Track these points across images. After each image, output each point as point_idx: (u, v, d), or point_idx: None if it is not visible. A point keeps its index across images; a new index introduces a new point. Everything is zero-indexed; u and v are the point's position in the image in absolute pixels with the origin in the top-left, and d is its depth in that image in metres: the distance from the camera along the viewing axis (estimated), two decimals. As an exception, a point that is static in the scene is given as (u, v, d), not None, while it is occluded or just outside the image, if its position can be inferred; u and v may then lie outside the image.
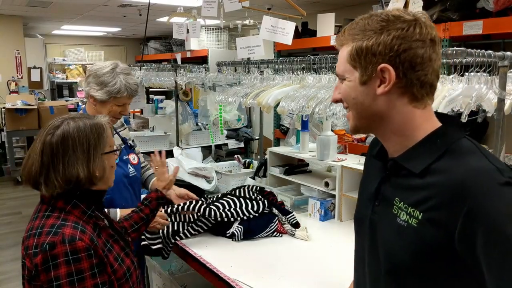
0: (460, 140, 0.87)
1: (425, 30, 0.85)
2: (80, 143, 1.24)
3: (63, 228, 1.18)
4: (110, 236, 1.32)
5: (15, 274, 3.66)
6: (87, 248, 1.17)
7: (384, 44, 0.85)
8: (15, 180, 6.58)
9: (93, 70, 1.92)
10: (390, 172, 0.95)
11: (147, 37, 8.58)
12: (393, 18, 0.86)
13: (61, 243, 1.14)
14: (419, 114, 0.90)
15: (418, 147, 0.89)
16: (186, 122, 4.62)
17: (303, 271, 1.70)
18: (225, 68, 3.19)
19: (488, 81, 1.71)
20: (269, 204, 2.14)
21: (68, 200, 1.25)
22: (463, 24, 3.02)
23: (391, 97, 0.89)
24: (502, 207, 0.77)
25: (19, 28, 6.99)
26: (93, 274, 1.18)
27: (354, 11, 5.07)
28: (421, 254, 0.85)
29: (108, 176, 1.32)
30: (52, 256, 1.13)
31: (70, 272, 1.14)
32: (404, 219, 0.88)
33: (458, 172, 0.82)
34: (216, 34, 6.50)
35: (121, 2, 5.41)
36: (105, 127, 1.32)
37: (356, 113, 0.94)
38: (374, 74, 0.88)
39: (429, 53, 0.85)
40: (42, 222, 1.21)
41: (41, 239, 1.16)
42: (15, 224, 4.84)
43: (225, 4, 2.44)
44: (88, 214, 1.27)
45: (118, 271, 1.26)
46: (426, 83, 0.87)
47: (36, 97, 6.87)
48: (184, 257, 1.95)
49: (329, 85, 2.20)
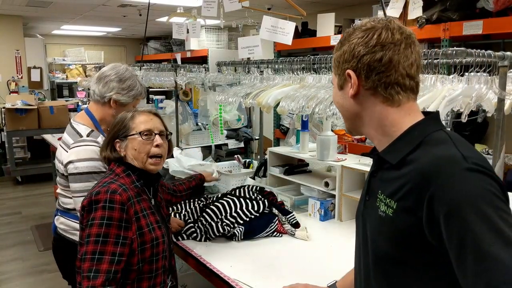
0: (436, 132, 0.92)
1: (385, 35, 0.93)
2: (114, 126, 1.61)
3: (111, 184, 1.46)
4: (149, 208, 1.54)
5: (15, 274, 3.66)
6: (122, 203, 1.42)
7: (348, 52, 0.97)
8: (15, 180, 6.58)
9: (112, 76, 1.91)
10: (377, 167, 1.02)
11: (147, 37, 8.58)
12: (356, 28, 0.98)
13: (105, 192, 1.42)
14: (394, 111, 0.96)
15: (397, 140, 0.96)
16: (186, 122, 4.62)
17: (303, 271, 1.70)
18: (225, 68, 3.19)
19: (488, 81, 1.71)
20: (269, 204, 2.14)
21: (125, 170, 1.55)
22: (463, 24, 3.02)
23: (363, 98, 0.98)
24: (462, 191, 0.79)
25: (19, 28, 6.99)
26: (119, 226, 1.41)
27: (354, 11, 5.08)
28: (398, 243, 0.90)
29: (136, 157, 1.55)
30: (95, 200, 1.41)
31: (103, 215, 1.39)
32: (383, 210, 0.93)
33: (424, 161, 0.86)
34: (216, 34, 6.50)
35: (121, 2, 5.41)
36: (134, 115, 1.59)
37: (342, 115, 1.07)
38: (345, 79, 0.99)
39: (389, 55, 0.93)
40: (101, 180, 1.53)
41: (95, 189, 1.46)
42: (15, 224, 4.85)
43: (225, 4, 2.44)
44: (135, 184, 1.53)
45: (147, 235, 1.47)
46: (391, 84, 0.94)
47: (36, 97, 6.87)
48: (184, 257, 1.95)
49: (329, 85, 2.20)
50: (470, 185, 0.79)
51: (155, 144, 1.56)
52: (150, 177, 1.60)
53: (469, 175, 0.80)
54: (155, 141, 1.56)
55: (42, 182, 6.46)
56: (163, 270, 1.55)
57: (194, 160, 2.76)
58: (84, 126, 1.89)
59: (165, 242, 1.55)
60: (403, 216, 0.88)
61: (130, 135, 1.56)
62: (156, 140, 1.56)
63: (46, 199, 5.68)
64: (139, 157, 1.55)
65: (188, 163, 2.65)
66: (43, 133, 5.79)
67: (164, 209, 1.70)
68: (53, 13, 6.42)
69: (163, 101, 5.44)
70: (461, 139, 0.91)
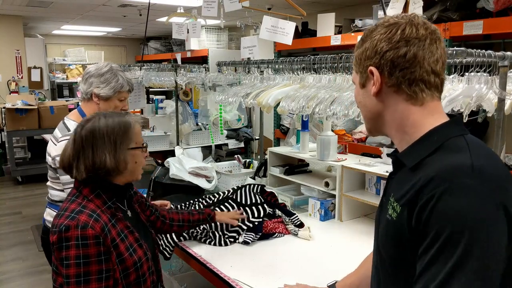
0: (455, 138, 0.89)
1: (409, 30, 0.90)
2: (107, 136, 1.38)
3: (80, 214, 1.31)
4: (126, 227, 1.42)
5: (15, 274, 3.66)
6: (96, 236, 1.29)
7: (371, 48, 0.94)
8: (15, 180, 6.58)
9: (92, 72, 2.03)
10: (395, 169, 1.00)
11: (147, 37, 8.58)
12: (378, 25, 0.95)
13: (74, 228, 1.28)
14: (416, 111, 0.93)
15: (417, 143, 0.92)
16: (186, 122, 4.62)
17: (303, 271, 1.70)
18: (225, 68, 3.19)
19: (489, 81, 1.71)
20: (272, 206, 2.15)
21: (94, 189, 1.39)
22: (463, 24, 3.02)
23: (386, 96, 0.95)
24: (452, 206, 0.77)
25: (19, 28, 6.99)
26: (99, 260, 1.29)
27: (354, 11, 5.07)
28: (401, 247, 0.88)
29: (133, 170, 1.44)
30: (65, 237, 1.28)
31: (78, 254, 1.27)
32: (390, 213, 0.92)
33: (434, 167, 0.84)
34: (216, 34, 6.50)
35: (121, 2, 5.41)
36: (133, 124, 1.45)
37: (364, 115, 1.03)
38: (367, 77, 0.96)
39: (413, 51, 0.89)
40: (67, 205, 1.37)
41: (61, 221, 1.31)
42: (15, 224, 4.85)
43: (225, 4, 2.44)
44: (108, 204, 1.39)
45: (128, 260, 1.36)
46: (416, 80, 0.91)
47: (36, 97, 6.88)
48: (184, 257, 1.95)
49: (329, 85, 2.20)
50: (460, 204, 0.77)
51: (145, 155, 1.51)
52: (123, 189, 1.47)
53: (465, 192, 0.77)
54: (146, 153, 1.51)
55: (42, 182, 6.43)
56: (153, 286, 1.46)
57: (195, 162, 2.76)
58: (74, 122, 1.96)
59: (149, 258, 1.44)
60: (404, 220, 0.86)
61: (132, 148, 1.43)
62: (146, 151, 1.51)
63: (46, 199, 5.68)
64: (137, 170, 1.46)
65: (189, 165, 2.65)
66: (44, 133, 5.80)
67: (142, 214, 1.60)
68: (53, 13, 6.42)
69: (163, 101, 5.44)
70: (480, 146, 0.88)
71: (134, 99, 4.09)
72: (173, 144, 4.36)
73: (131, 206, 1.54)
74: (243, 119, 4.26)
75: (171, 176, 2.59)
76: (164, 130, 4.68)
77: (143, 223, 1.57)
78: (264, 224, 2.03)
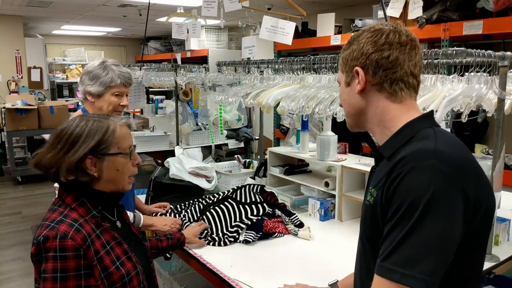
0: (425, 129, 0.99)
1: (392, 36, 1.01)
2: (84, 139, 1.27)
3: (60, 224, 1.20)
4: (113, 238, 1.30)
5: (15, 274, 3.66)
6: (77, 248, 1.17)
7: (357, 50, 1.04)
8: (15, 180, 6.58)
9: (84, 69, 2.03)
10: (376, 162, 1.10)
11: (147, 37, 8.59)
12: (365, 30, 1.05)
13: (53, 238, 1.17)
14: (395, 108, 1.03)
15: (394, 136, 1.02)
16: (186, 122, 4.62)
17: (303, 271, 1.70)
18: (225, 68, 3.19)
19: (488, 81, 1.71)
20: (272, 205, 2.15)
21: (77, 197, 1.28)
22: (463, 24, 3.02)
23: (368, 94, 1.05)
24: (413, 181, 0.87)
25: (19, 28, 6.99)
26: (78, 275, 1.18)
27: (354, 11, 5.07)
28: (376, 225, 0.96)
29: (114, 178, 1.31)
30: (44, 248, 1.17)
31: (55, 268, 1.15)
32: (368, 199, 1.02)
33: (403, 153, 0.93)
34: (216, 34, 6.50)
35: (121, 2, 5.41)
36: (115, 128, 1.31)
37: (347, 112, 1.13)
38: (353, 76, 1.06)
39: (396, 54, 1.00)
40: (48, 215, 1.26)
41: (40, 231, 1.20)
42: (15, 224, 4.85)
43: (225, 4, 2.44)
44: (93, 213, 1.28)
45: (114, 275, 1.25)
46: (396, 80, 1.01)
47: (36, 97, 6.88)
48: (184, 257, 1.95)
49: (329, 85, 2.20)
50: (420, 179, 0.86)
51: (135, 163, 1.36)
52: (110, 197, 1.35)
53: (426, 170, 0.86)
54: (136, 160, 1.37)
55: (42, 182, 6.46)
56: None
57: (195, 162, 2.76)
58: None
59: (140, 272, 1.33)
60: (377, 202, 0.95)
61: (112, 154, 1.29)
62: (136, 158, 1.37)
63: (46, 199, 5.68)
64: (121, 179, 1.33)
65: (189, 165, 2.65)
66: (43, 133, 5.79)
67: (133, 226, 1.50)
68: (53, 13, 6.42)
69: (163, 101, 5.44)
70: (446, 135, 0.98)
71: (134, 99, 4.09)
72: (173, 144, 4.37)
73: (121, 216, 1.43)
74: (243, 119, 4.25)
75: (171, 176, 2.59)
76: (164, 130, 4.68)
77: (134, 235, 1.46)
78: (264, 223, 2.03)
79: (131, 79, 2.07)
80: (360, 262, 1.12)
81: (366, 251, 1.05)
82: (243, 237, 1.95)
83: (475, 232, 0.90)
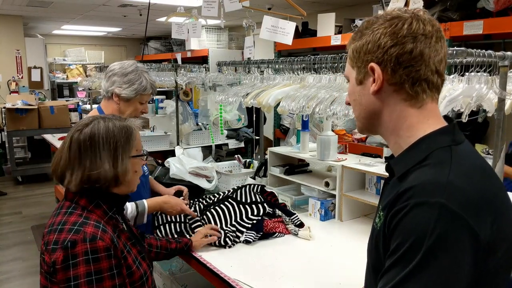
0: (443, 149, 0.84)
1: (416, 25, 0.84)
2: (107, 143, 1.25)
3: (85, 226, 1.17)
4: (128, 239, 1.32)
5: (15, 274, 3.67)
6: (107, 248, 1.16)
7: (373, 42, 0.86)
8: (15, 180, 6.58)
9: (116, 70, 1.94)
10: (389, 175, 0.97)
11: (148, 37, 8.58)
12: (381, 17, 0.88)
13: (82, 242, 1.13)
14: (414, 113, 0.88)
15: (408, 151, 0.89)
16: (186, 122, 4.62)
17: (303, 271, 1.69)
18: (225, 68, 3.19)
19: (489, 81, 1.71)
20: (272, 205, 2.15)
21: (92, 199, 1.25)
22: (463, 24, 3.02)
23: (385, 95, 0.89)
24: (418, 220, 0.76)
25: (19, 28, 6.99)
26: (112, 275, 1.16)
27: (354, 11, 5.07)
28: (379, 252, 0.86)
29: (131, 180, 1.32)
30: (72, 254, 1.12)
31: (89, 271, 1.12)
32: (376, 221, 0.90)
33: (413, 179, 0.82)
34: (216, 34, 6.50)
35: (122, 2, 5.41)
36: (134, 130, 1.33)
37: (358, 114, 0.96)
38: (366, 73, 0.89)
39: (420, 48, 0.84)
40: (65, 219, 1.20)
41: (62, 236, 1.15)
42: (15, 224, 4.85)
43: (226, 4, 2.44)
44: (109, 215, 1.27)
45: (136, 273, 1.26)
46: (419, 80, 0.86)
47: (37, 97, 6.88)
48: (184, 257, 1.95)
49: (329, 85, 2.20)
50: (422, 220, 0.75)
51: (143, 163, 1.39)
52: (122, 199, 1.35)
53: (433, 209, 0.75)
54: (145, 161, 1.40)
55: (42, 182, 6.46)
56: None
57: (195, 162, 2.76)
58: None
59: (151, 269, 1.38)
60: (381, 228, 0.85)
61: (134, 156, 1.32)
62: (145, 160, 1.39)
63: (46, 199, 5.69)
64: (135, 180, 1.34)
65: (189, 165, 2.65)
66: (44, 133, 5.79)
67: (133, 228, 1.52)
68: (53, 13, 6.42)
69: (163, 101, 5.43)
70: (465, 160, 0.84)
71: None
72: (173, 144, 4.37)
73: (124, 219, 1.44)
74: (243, 119, 4.25)
75: (171, 176, 2.59)
76: (164, 130, 4.68)
77: (136, 236, 1.47)
78: (264, 223, 2.03)
79: (156, 88, 2.06)
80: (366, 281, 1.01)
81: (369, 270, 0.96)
82: (243, 237, 1.95)
83: (490, 273, 0.78)
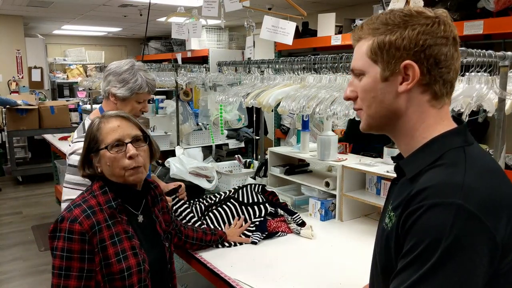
0: (456, 149, 0.84)
1: (448, 28, 0.84)
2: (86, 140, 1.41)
3: (76, 208, 1.32)
4: (125, 232, 1.36)
5: (15, 274, 3.67)
6: (82, 233, 1.27)
7: (409, 39, 0.83)
8: (15, 180, 6.58)
9: (112, 69, 1.95)
10: (397, 175, 0.96)
11: (148, 37, 8.58)
12: (416, 14, 0.84)
13: (67, 220, 1.28)
14: (433, 114, 0.87)
15: (419, 151, 0.88)
16: (186, 122, 4.62)
17: (303, 271, 1.70)
18: (225, 68, 3.19)
19: (489, 81, 1.71)
20: (274, 205, 2.15)
21: (102, 185, 1.39)
22: (463, 24, 3.01)
23: (412, 94, 0.86)
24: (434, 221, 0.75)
25: (19, 28, 6.99)
26: (82, 258, 1.28)
27: (355, 11, 5.07)
28: (390, 254, 0.85)
29: (110, 172, 1.37)
30: (59, 228, 1.29)
31: (63, 247, 1.27)
32: (386, 222, 0.89)
33: (428, 180, 0.80)
34: (216, 34, 6.50)
35: (122, 2, 5.41)
36: (98, 125, 1.39)
37: (375, 111, 0.90)
38: (397, 70, 0.85)
39: (452, 51, 0.84)
40: (76, 197, 1.40)
41: (63, 212, 1.33)
42: (15, 224, 4.85)
43: (226, 4, 2.44)
44: (110, 204, 1.36)
45: (114, 266, 1.31)
46: (448, 81, 0.86)
47: (37, 97, 6.88)
48: (185, 257, 1.95)
49: (329, 85, 2.20)
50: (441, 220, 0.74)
51: (128, 155, 1.35)
52: (133, 192, 1.41)
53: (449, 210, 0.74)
54: (128, 152, 1.35)
55: (42, 182, 6.46)
56: None
57: (195, 162, 2.77)
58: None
59: (144, 270, 1.36)
60: (394, 230, 0.84)
61: (101, 149, 1.36)
62: (128, 150, 1.35)
63: (47, 199, 5.69)
64: (115, 172, 1.36)
65: (189, 165, 2.65)
66: (44, 133, 5.79)
67: (162, 224, 1.53)
68: (53, 13, 6.42)
69: (163, 101, 5.43)
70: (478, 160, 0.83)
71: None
72: (174, 144, 4.36)
73: (147, 212, 1.47)
74: (244, 119, 4.25)
75: (171, 176, 2.59)
76: (164, 130, 4.68)
77: (156, 233, 1.48)
78: (268, 223, 2.04)
79: (155, 86, 2.04)
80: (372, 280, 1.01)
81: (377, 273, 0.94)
82: (250, 239, 1.96)
83: (504, 274, 0.78)
